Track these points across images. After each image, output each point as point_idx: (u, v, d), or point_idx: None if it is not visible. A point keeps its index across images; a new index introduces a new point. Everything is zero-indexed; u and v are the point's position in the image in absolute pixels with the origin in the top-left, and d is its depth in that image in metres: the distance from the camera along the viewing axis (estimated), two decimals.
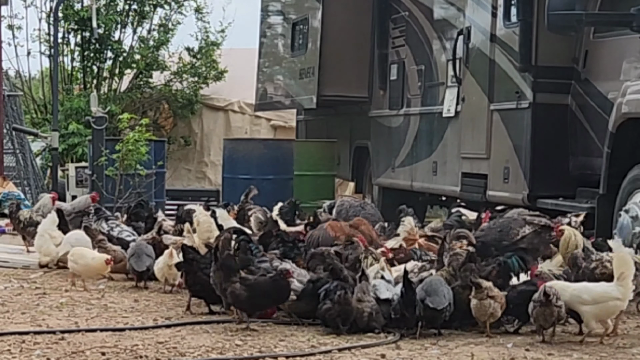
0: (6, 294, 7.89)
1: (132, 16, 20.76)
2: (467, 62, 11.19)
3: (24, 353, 5.74)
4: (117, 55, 20.49)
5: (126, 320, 6.76)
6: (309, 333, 6.42)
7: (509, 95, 10.20)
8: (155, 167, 13.35)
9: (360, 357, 5.78)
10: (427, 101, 12.41)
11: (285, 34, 16.11)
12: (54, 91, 14.40)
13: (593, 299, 6.15)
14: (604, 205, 8.66)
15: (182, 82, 20.96)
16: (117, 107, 18.93)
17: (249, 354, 5.81)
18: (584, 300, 6.15)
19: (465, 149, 11.22)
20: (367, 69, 13.90)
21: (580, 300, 6.17)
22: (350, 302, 6.33)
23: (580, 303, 6.17)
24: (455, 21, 11.62)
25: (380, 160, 13.81)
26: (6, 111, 16.93)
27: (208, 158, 20.81)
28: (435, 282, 6.43)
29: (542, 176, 9.81)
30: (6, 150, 16.98)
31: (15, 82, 20.49)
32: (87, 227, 8.95)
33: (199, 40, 21.27)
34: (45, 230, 9.36)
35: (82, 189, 16.91)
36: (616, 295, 6.13)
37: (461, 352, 5.93)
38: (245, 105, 20.28)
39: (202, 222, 8.62)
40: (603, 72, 9.23)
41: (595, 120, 9.17)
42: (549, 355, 5.91)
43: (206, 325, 6.63)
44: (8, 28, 20.23)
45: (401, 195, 13.22)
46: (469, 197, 11.42)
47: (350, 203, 11.03)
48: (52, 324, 6.56)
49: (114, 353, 5.75)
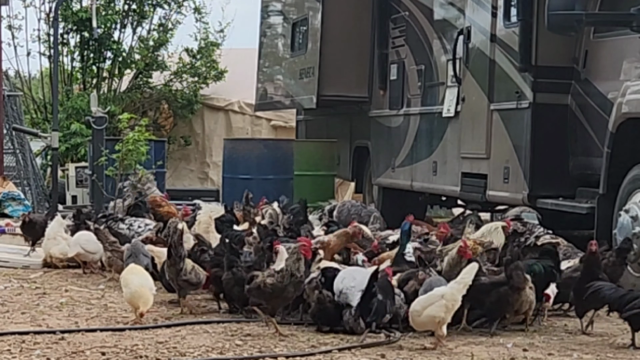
0: (6, 294, 7.90)
1: (131, 16, 20.76)
2: (467, 62, 11.19)
3: (24, 353, 5.74)
4: (117, 56, 20.49)
5: (126, 320, 6.76)
6: (309, 333, 6.42)
7: (509, 95, 10.20)
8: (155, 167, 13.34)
9: (360, 357, 5.78)
10: (427, 101, 12.41)
11: (285, 34, 16.11)
12: (53, 91, 14.41)
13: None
14: (604, 205, 8.65)
15: (182, 82, 20.97)
16: (117, 108, 18.94)
17: (249, 354, 5.81)
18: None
19: (465, 149, 11.22)
20: (367, 69, 13.89)
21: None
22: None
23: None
24: (455, 21, 11.61)
25: (380, 160, 13.80)
26: (6, 111, 16.93)
27: (210, 159, 20.82)
28: (436, 282, 6.45)
29: (542, 176, 9.81)
30: (6, 150, 16.98)
31: (15, 82, 20.49)
32: (98, 230, 8.95)
33: (198, 40, 21.28)
34: (56, 233, 9.47)
35: (82, 189, 16.93)
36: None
37: (461, 352, 5.93)
38: (245, 105, 20.28)
39: (203, 222, 8.67)
40: (603, 72, 9.23)
41: (595, 120, 9.17)
42: (549, 355, 5.92)
43: (206, 325, 6.64)
44: (7, 28, 20.23)
45: (401, 195, 13.22)
46: (468, 197, 11.42)
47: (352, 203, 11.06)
48: (52, 324, 6.56)
49: (114, 353, 5.75)
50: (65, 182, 17.51)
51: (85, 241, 8.92)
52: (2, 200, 15.07)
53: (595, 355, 5.93)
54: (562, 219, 10.65)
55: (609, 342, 6.34)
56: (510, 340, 6.28)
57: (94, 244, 8.83)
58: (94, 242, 8.83)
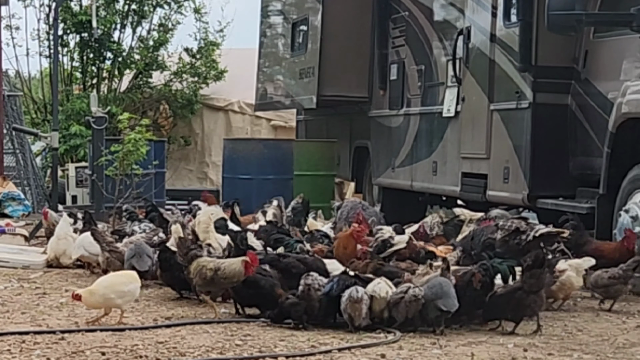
0: (6, 294, 7.89)
1: (131, 16, 20.75)
2: (467, 62, 11.19)
3: (24, 353, 5.74)
4: (117, 56, 20.49)
5: (126, 320, 6.75)
6: (308, 333, 6.42)
7: (509, 95, 10.21)
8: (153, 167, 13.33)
9: (360, 357, 5.78)
10: (427, 101, 12.41)
11: (285, 34, 16.11)
12: (54, 91, 14.39)
13: None
14: (604, 205, 8.66)
15: (182, 82, 20.96)
16: (117, 108, 18.93)
17: (249, 353, 5.81)
18: None
19: (465, 149, 11.22)
20: (367, 69, 13.90)
21: None
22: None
23: None
24: (455, 21, 11.62)
25: (380, 160, 13.81)
26: (6, 111, 16.92)
27: (209, 158, 20.80)
28: (445, 283, 6.47)
29: (542, 176, 9.81)
30: (6, 150, 16.98)
31: (15, 82, 20.48)
32: (94, 231, 8.92)
33: (198, 40, 21.28)
34: (66, 233, 9.48)
35: (82, 189, 16.92)
36: None
37: (461, 352, 5.93)
38: (245, 105, 20.28)
39: (202, 222, 8.65)
40: (603, 72, 9.23)
41: (595, 120, 9.17)
42: (549, 355, 5.91)
43: (206, 325, 6.64)
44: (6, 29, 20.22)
45: (401, 195, 13.23)
46: (469, 197, 11.43)
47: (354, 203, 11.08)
48: (52, 324, 6.56)
49: (114, 353, 5.74)
50: (65, 182, 17.50)
51: (89, 243, 8.87)
52: (2, 200, 15.06)
53: (595, 355, 5.93)
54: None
55: (609, 342, 6.34)
56: (510, 340, 6.28)
57: (97, 246, 8.80)
58: (97, 245, 8.81)
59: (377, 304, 6.50)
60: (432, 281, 6.56)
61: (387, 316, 6.53)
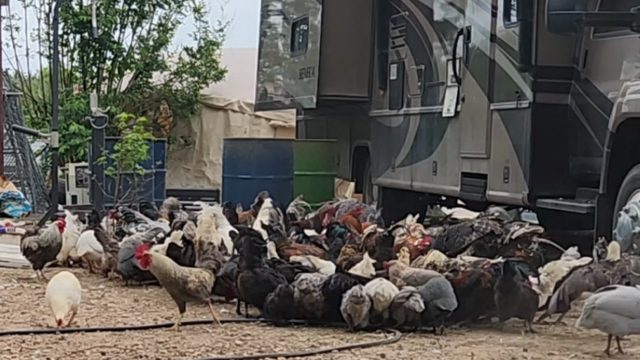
0: (6, 294, 7.90)
1: (131, 16, 20.75)
2: (467, 62, 11.19)
3: (24, 353, 5.74)
4: (117, 56, 20.48)
5: (126, 320, 6.76)
6: (308, 333, 6.42)
7: (509, 95, 10.20)
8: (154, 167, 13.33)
9: (360, 357, 5.78)
10: (427, 101, 12.41)
11: (285, 33, 16.11)
12: (53, 91, 14.39)
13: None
14: (604, 205, 8.65)
15: (182, 82, 20.96)
16: (117, 109, 18.93)
17: (249, 353, 5.81)
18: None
19: (465, 149, 11.22)
20: (367, 69, 13.89)
21: None
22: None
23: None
24: (455, 21, 11.61)
25: (380, 160, 13.80)
26: (6, 111, 16.93)
27: (207, 157, 20.80)
28: (443, 283, 6.47)
29: (542, 176, 9.80)
30: (6, 150, 16.98)
31: (15, 82, 20.48)
32: (98, 231, 8.92)
33: (198, 40, 21.28)
34: (73, 231, 9.46)
35: (82, 189, 16.92)
36: None
37: (461, 352, 5.93)
38: (245, 105, 20.28)
39: (204, 221, 8.65)
40: (603, 72, 9.22)
41: (595, 120, 9.16)
42: (549, 355, 5.92)
43: (206, 325, 6.64)
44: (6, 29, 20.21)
45: (401, 195, 13.23)
46: (468, 197, 11.42)
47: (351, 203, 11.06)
48: (52, 324, 6.56)
49: (114, 353, 5.75)
50: (65, 182, 17.50)
51: (94, 240, 8.89)
52: (2, 200, 15.06)
53: (595, 355, 5.93)
54: (562, 219, 10.67)
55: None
56: (510, 340, 6.28)
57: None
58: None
59: (380, 305, 6.49)
60: (430, 281, 6.56)
61: (388, 317, 6.53)
